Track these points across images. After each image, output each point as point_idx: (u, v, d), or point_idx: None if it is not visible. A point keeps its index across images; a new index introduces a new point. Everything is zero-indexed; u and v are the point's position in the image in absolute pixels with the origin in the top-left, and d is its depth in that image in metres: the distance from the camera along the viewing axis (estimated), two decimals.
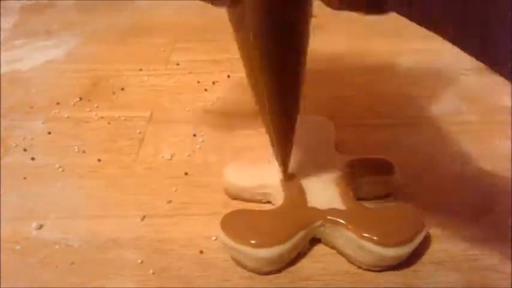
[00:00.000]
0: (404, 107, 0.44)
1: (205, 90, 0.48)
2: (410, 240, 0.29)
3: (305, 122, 0.38)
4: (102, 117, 0.44)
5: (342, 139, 0.40)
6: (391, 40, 0.55)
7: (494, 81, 0.47)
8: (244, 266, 0.30)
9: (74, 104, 0.46)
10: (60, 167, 0.39)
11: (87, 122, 0.44)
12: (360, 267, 0.30)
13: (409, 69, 0.50)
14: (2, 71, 0.52)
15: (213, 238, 0.32)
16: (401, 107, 0.44)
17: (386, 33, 0.56)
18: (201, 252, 0.32)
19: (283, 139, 0.32)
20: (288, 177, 0.33)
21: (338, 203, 0.31)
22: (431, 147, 0.39)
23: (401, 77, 0.49)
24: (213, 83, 0.49)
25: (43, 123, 0.44)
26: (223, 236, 0.30)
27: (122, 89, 0.48)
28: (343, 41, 0.55)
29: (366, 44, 0.55)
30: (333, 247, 0.31)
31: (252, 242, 0.29)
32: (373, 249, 0.29)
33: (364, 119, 0.43)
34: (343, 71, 0.50)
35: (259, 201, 0.35)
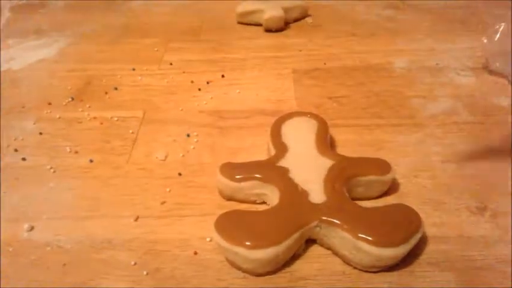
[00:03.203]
0: (402, 107, 0.44)
1: (199, 89, 0.47)
2: (407, 240, 0.29)
3: (299, 121, 0.38)
4: (94, 118, 0.44)
5: (338, 139, 0.40)
6: (388, 40, 0.55)
7: (491, 81, 0.47)
8: (239, 267, 0.30)
9: (66, 104, 0.46)
10: (51, 167, 0.38)
11: (79, 122, 0.43)
12: (355, 268, 0.30)
13: (406, 69, 0.50)
14: None
15: (208, 239, 0.32)
16: (398, 107, 0.44)
17: (384, 34, 0.56)
18: (195, 253, 0.31)
19: None
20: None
21: (333, 203, 0.31)
22: (428, 147, 0.39)
23: (398, 77, 0.49)
24: (207, 82, 0.48)
25: (34, 123, 0.43)
26: (217, 237, 0.29)
27: (115, 88, 0.48)
28: (340, 41, 0.55)
29: (362, 44, 0.55)
30: (328, 248, 0.31)
31: (247, 243, 0.29)
32: (369, 250, 0.28)
33: (360, 119, 0.42)
34: (340, 71, 0.50)
35: (254, 202, 0.35)
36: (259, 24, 0.58)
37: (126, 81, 0.49)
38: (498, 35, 0.48)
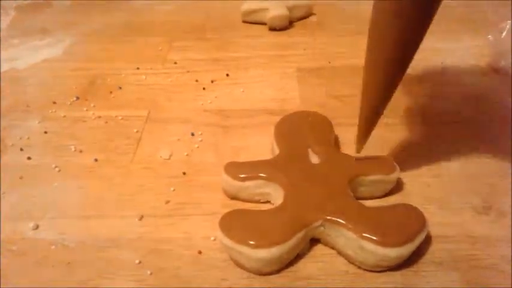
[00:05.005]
0: (405, 105, 0.44)
1: (204, 89, 0.47)
2: (411, 240, 0.29)
3: (303, 120, 0.38)
4: (99, 117, 0.44)
5: (342, 138, 0.40)
6: None
7: (497, 79, 0.47)
8: (243, 267, 0.30)
9: (71, 103, 0.46)
10: (56, 166, 0.38)
11: (84, 121, 0.44)
12: (359, 268, 0.30)
13: (410, 68, 0.49)
14: None
15: (212, 238, 0.32)
16: (401, 106, 0.44)
17: None
18: (200, 252, 0.31)
19: (377, 110, 0.33)
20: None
21: (337, 203, 0.31)
22: (432, 146, 0.39)
23: None
24: (212, 81, 0.48)
25: (39, 122, 0.44)
26: (222, 236, 0.29)
27: (120, 88, 0.48)
28: (344, 39, 0.55)
29: (366, 43, 0.54)
30: (332, 247, 0.31)
31: (251, 242, 0.29)
32: (373, 250, 0.28)
33: None
34: (344, 70, 0.49)
35: (258, 201, 0.35)
36: (264, 23, 0.58)
37: (130, 81, 0.49)
38: (504, 33, 0.48)
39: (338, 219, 0.30)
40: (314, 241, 0.32)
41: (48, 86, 0.49)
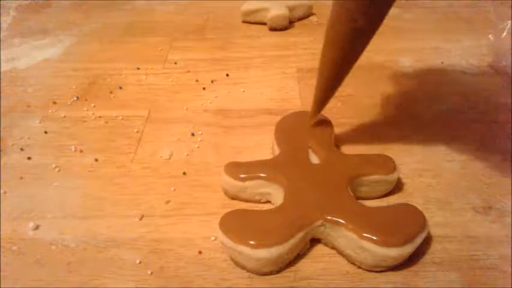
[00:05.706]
0: (405, 106, 0.44)
1: (204, 89, 0.47)
2: (411, 240, 0.29)
3: (303, 120, 0.38)
4: (99, 117, 0.44)
5: (342, 138, 0.40)
6: (392, 39, 0.55)
7: (497, 79, 0.47)
8: (243, 267, 0.30)
9: (71, 103, 0.46)
10: (56, 166, 0.38)
11: (84, 121, 0.44)
12: (360, 268, 0.30)
13: (411, 68, 0.50)
14: None
15: (212, 238, 0.32)
16: (403, 106, 0.44)
17: (387, 33, 0.56)
18: (200, 252, 0.31)
19: (333, 83, 0.36)
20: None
21: (338, 203, 0.31)
22: (432, 147, 0.39)
23: (402, 76, 0.48)
24: (212, 81, 0.49)
25: (40, 122, 0.44)
26: (222, 236, 0.29)
27: (120, 88, 0.48)
28: None
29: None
30: (333, 247, 0.31)
31: (251, 242, 0.29)
32: (373, 250, 0.28)
33: (364, 118, 0.42)
34: None
35: (258, 201, 0.35)
36: (264, 23, 0.58)
37: (130, 81, 0.49)
38: (504, 33, 0.48)
39: (338, 219, 0.30)
40: (314, 241, 0.32)
41: (49, 86, 0.49)
